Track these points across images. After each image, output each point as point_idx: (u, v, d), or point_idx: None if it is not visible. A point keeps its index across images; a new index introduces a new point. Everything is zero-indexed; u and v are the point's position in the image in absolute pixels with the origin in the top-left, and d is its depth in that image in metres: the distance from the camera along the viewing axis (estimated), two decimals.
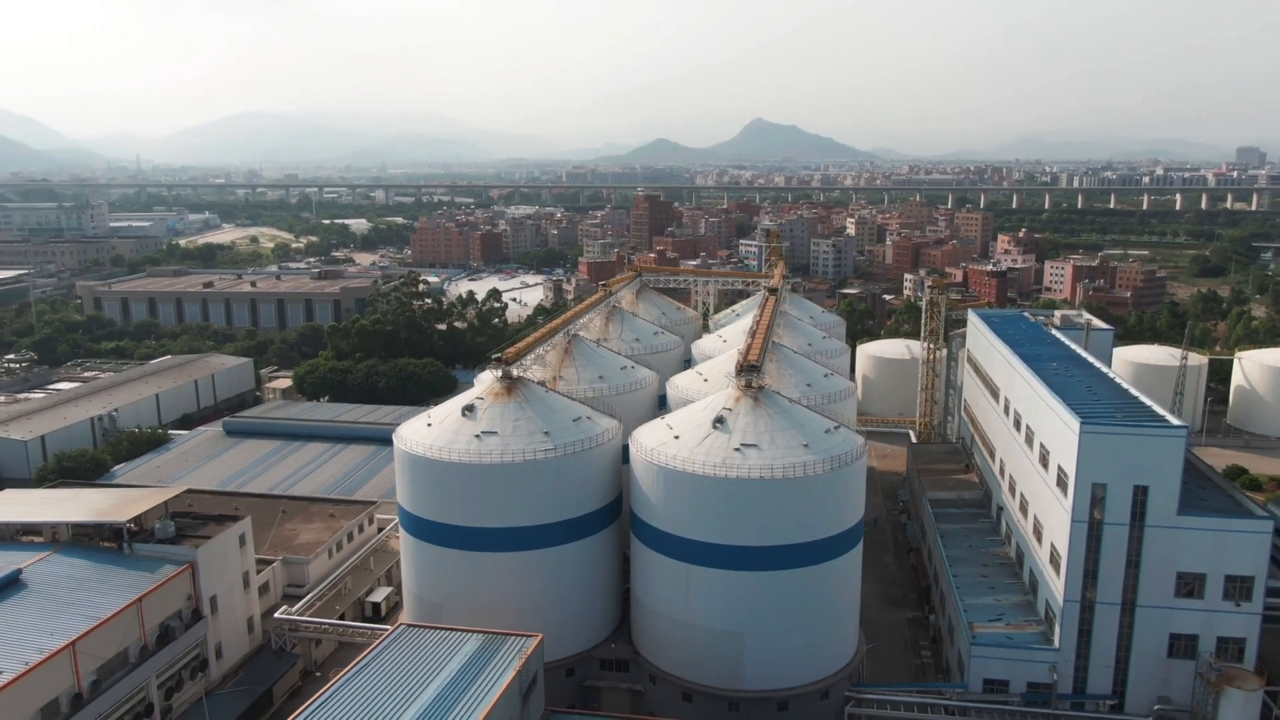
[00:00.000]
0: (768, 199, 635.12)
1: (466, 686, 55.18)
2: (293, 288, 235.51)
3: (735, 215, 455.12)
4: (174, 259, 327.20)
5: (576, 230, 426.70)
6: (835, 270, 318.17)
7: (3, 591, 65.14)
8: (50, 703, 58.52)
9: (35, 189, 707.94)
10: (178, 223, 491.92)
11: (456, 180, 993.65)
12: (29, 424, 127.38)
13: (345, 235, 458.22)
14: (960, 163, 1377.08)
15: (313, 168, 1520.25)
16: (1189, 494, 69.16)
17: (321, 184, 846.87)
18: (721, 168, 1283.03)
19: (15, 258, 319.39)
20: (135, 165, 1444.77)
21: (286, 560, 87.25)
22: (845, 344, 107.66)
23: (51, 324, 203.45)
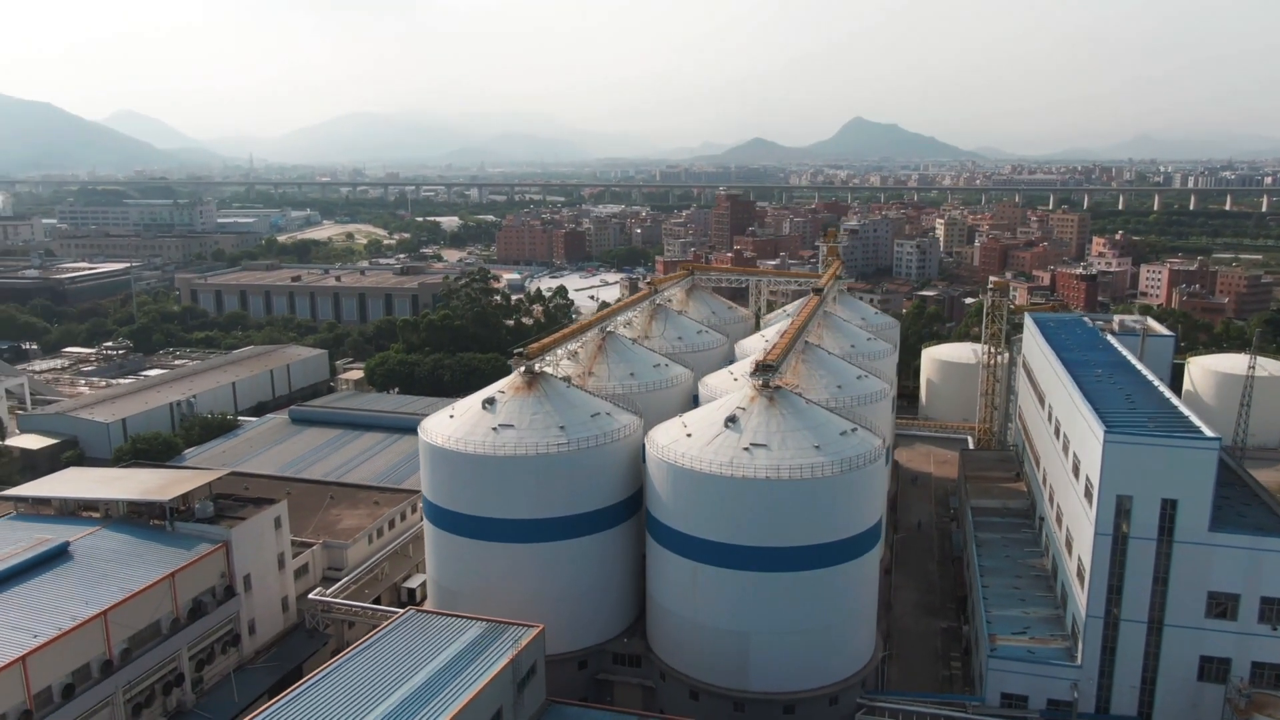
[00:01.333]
0: (860, 199, 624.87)
1: (459, 672, 56.34)
2: (374, 283, 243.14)
3: (822, 215, 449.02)
4: (271, 254, 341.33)
5: (660, 229, 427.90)
6: (919, 272, 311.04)
7: (51, 562, 69.57)
8: (82, 667, 62.23)
9: (154, 186, 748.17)
10: (280, 219, 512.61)
11: (550, 179, 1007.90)
12: (112, 408, 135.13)
13: (436, 232, 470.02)
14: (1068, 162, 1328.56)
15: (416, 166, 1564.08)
16: (1227, 509, 65.98)
17: (418, 182, 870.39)
18: (817, 167, 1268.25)
19: (126, 251, 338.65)
20: (248, 164, 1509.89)
21: (327, 544, 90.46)
22: (892, 346, 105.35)
23: (149, 314, 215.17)
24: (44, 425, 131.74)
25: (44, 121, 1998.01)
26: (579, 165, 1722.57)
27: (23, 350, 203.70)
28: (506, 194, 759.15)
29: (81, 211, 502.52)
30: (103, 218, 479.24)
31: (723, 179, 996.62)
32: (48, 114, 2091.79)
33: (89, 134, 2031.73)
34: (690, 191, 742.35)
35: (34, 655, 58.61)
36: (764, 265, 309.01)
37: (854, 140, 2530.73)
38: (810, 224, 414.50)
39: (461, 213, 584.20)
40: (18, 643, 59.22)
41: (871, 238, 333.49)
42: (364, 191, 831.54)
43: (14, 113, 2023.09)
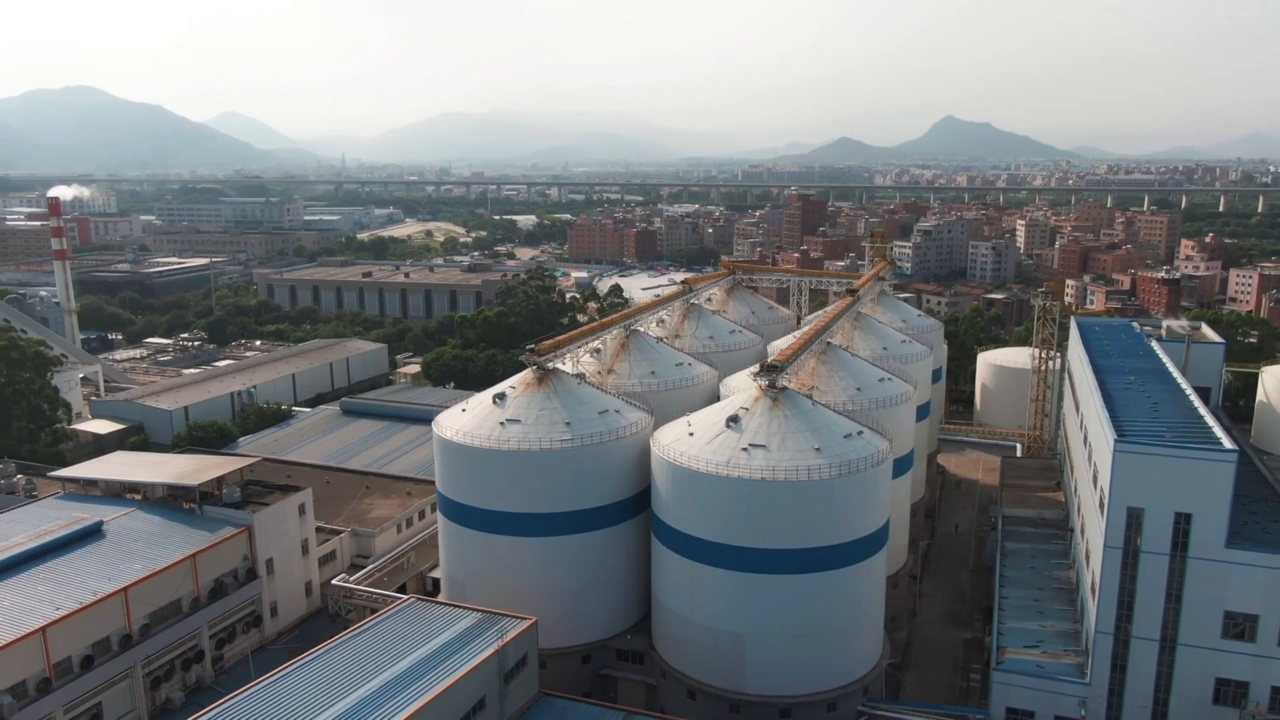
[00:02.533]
0: (944, 200, 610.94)
1: (443, 660, 57.57)
2: (441, 279, 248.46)
3: (900, 216, 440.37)
4: (349, 250, 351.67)
5: (733, 229, 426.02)
6: (994, 274, 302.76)
7: (84, 540, 73.28)
8: (101, 640, 65.44)
9: (249, 185, 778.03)
10: (364, 217, 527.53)
11: (630, 178, 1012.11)
12: (176, 396, 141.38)
13: (512, 231, 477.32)
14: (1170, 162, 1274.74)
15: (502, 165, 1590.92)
16: (1254, 526, 62.85)
17: (501, 181, 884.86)
18: (903, 167, 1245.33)
19: (214, 247, 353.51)
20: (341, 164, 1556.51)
21: (355, 532, 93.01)
22: (928, 349, 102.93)
23: (226, 307, 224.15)
24: (113, 411, 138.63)
25: (154, 123, 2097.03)
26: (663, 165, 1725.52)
27: (109, 340, 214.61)
28: (585, 193, 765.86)
29: (178, 209, 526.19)
30: (195, 215, 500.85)
31: (805, 179, 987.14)
32: (157, 116, 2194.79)
33: (195, 135, 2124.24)
34: (769, 191, 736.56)
35: (54, 626, 61.93)
36: (831, 266, 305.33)
37: (944, 140, 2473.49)
38: (886, 224, 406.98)
39: (539, 211, 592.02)
40: (41, 614, 62.64)
41: (946, 239, 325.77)
42: (448, 190, 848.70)
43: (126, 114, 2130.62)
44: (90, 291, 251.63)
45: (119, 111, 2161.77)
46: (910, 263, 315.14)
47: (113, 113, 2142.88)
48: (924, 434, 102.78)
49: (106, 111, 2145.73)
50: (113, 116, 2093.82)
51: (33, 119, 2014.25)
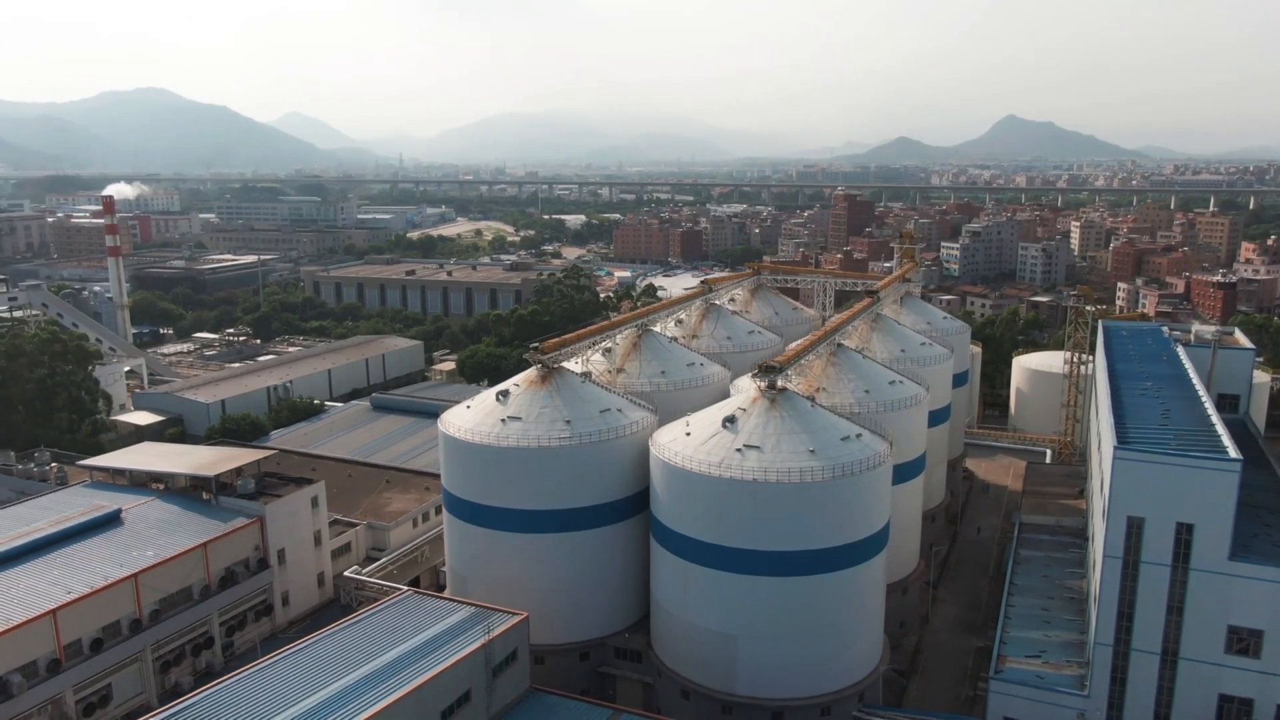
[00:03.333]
0: (1001, 200, 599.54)
1: (430, 653, 58.36)
2: (483, 278, 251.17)
3: (952, 217, 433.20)
4: (398, 249, 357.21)
5: (780, 229, 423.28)
6: (1044, 276, 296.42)
7: (102, 527, 75.70)
8: (111, 624, 67.59)
9: (308, 184, 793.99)
10: (416, 216, 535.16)
11: (682, 178, 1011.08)
12: (214, 389, 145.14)
13: (560, 230, 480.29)
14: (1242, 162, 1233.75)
15: (557, 165, 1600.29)
16: (1264, 538, 60.79)
17: (553, 181, 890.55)
18: (961, 167, 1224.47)
19: (267, 245, 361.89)
20: (398, 163, 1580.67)
21: (371, 525, 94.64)
22: (949, 351, 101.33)
23: (272, 304, 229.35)
24: (154, 403, 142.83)
25: (220, 123, 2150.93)
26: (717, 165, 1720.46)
27: (160, 334, 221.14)
28: (636, 193, 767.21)
29: (236, 207, 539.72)
30: (253, 213, 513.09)
31: (860, 179, 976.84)
32: (224, 117, 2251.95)
33: (259, 135, 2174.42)
34: (821, 192, 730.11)
35: (64, 609, 64.14)
36: (876, 268, 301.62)
37: (1005, 139, 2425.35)
38: (937, 225, 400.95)
39: (589, 211, 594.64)
40: (52, 597, 64.92)
41: (995, 240, 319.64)
42: (501, 190, 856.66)
43: (195, 115, 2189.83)
44: (146, 287, 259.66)
45: (187, 112, 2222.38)
46: (957, 264, 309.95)
47: (182, 113, 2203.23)
48: (943, 438, 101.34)
49: (176, 112, 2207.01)
50: (181, 117, 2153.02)
51: (106, 120, 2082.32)
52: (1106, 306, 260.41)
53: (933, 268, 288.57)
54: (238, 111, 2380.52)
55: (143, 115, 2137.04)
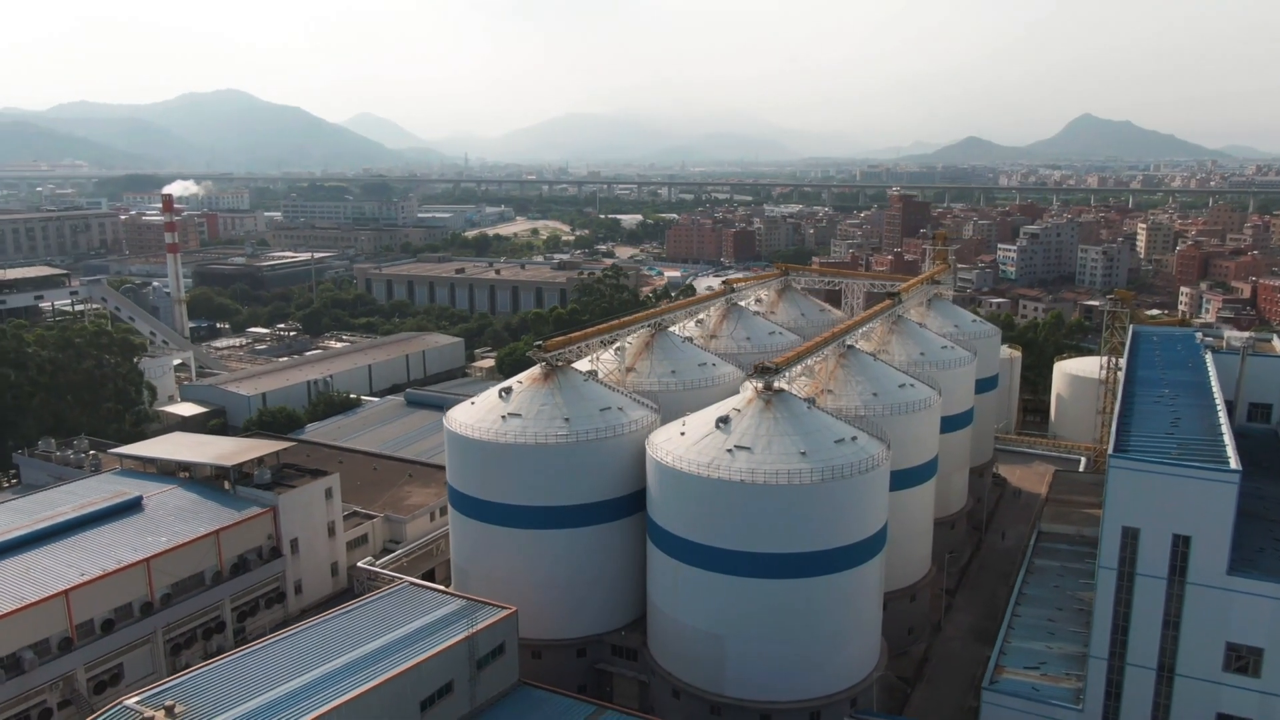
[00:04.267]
0: (1069, 201, 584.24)
1: (414, 642, 59.36)
2: (530, 276, 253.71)
3: (1013, 218, 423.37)
4: (453, 247, 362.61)
5: (836, 230, 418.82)
6: (1105, 279, 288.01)
7: (123, 513, 78.70)
8: (123, 605, 70.28)
9: (373, 184, 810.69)
10: (475, 215, 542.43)
11: (744, 178, 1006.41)
12: (257, 382, 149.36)
13: (616, 230, 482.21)
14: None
15: (620, 165, 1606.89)
16: (1272, 553, 58.57)
17: (614, 180, 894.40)
18: (1031, 167, 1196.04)
19: (326, 242, 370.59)
20: (463, 163, 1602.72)
21: (388, 518, 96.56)
22: (971, 355, 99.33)
23: (324, 300, 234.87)
24: (199, 395, 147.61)
25: (294, 124, 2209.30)
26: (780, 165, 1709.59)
27: (216, 328, 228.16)
28: (695, 193, 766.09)
29: (301, 205, 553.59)
30: (317, 211, 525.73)
31: (926, 179, 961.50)
32: (297, 117, 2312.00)
33: (331, 135, 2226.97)
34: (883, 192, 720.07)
35: (76, 590, 66.94)
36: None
37: (1080, 139, 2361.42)
38: (997, 227, 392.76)
39: (646, 210, 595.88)
40: (67, 578, 67.78)
41: (1054, 242, 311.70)
42: (562, 189, 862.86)
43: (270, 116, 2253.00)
44: (206, 282, 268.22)
45: (263, 113, 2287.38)
46: (1014, 266, 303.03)
47: (257, 114, 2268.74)
48: (964, 443, 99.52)
49: (251, 113, 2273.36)
50: (257, 118, 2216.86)
51: (185, 121, 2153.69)
52: (1167, 312, 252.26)
53: (987, 270, 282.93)
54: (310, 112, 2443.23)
55: (220, 116, 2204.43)
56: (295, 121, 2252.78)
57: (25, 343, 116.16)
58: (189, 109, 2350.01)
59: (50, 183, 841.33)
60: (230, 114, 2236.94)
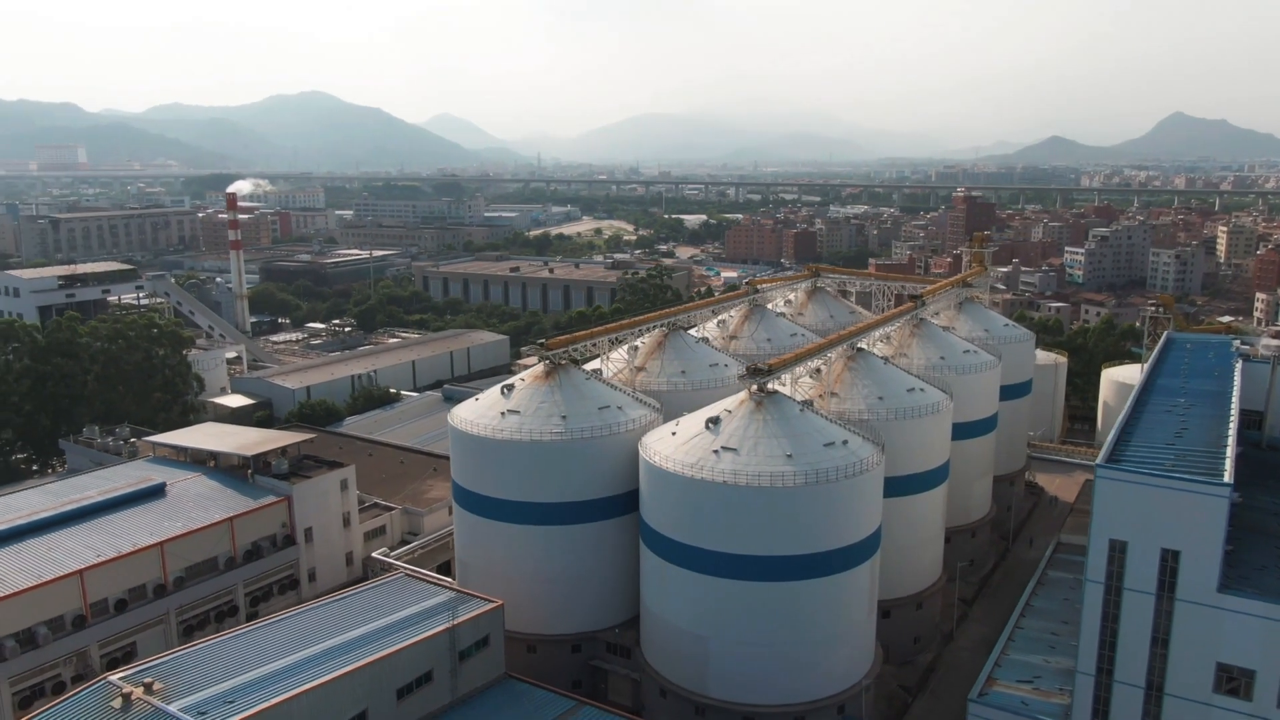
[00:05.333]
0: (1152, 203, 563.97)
1: (397, 631, 60.74)
2: (582, 275, 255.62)
3: (1088, 220, 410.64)
4: (514, 246, 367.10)
5: (900, 231, 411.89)
6: (1177, 285, 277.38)
7: (146, 498, 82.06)
8: (137, 587, 73.37)
9: (446, 183, 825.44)
10: (540, 214, 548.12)
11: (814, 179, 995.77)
12: (302, 376, 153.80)
13: (678, 230, 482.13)
14: None
15: (693, 165, 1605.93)
16: (1271, 570, 56.13)
17: (681, 181, 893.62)
18: (1116, 168, 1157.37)
19: (391, 241, 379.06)
20: (536, 163, 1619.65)
21: (406, 510, 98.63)
22: (995, 360, 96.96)
23: (381, 296, 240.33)
24: (248, 388, 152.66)
25: (374, 125, 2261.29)
26: (856, 165, 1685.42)
27: (278, 323, 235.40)
28: (762, 193, 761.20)
29: (372, 204, 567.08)
30: (387, 210, 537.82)
31: (1004, 180, 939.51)
32: (378, 119, 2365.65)
33: (410, 136, 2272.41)
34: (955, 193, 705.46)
35: (91, 571, 70.17)
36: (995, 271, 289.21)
37: (1171, 138, 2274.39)
38: (1070, 229, 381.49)
39: (711, 211, 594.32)
40: (83, 559, 71.04)
41: (1125, 245, 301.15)
42: (631, 189, 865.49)
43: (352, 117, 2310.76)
44: (272, 278, 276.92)
45: (345, 115, 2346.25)
46: (1082, 270, 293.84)
47: (340, 116, 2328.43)
48: (985, 449, 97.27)
49: (334, 115, 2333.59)
50: (339, 119, 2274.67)
51: (271, 122, 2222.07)
52: (1241, 319, 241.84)
53: (1051, 273, 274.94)
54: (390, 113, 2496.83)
55: (305, 118, 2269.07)
56: (376, 122, 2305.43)
57: (79, 334, 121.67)
58: (275, 110, 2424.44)
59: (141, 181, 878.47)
60: (314, 115, 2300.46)
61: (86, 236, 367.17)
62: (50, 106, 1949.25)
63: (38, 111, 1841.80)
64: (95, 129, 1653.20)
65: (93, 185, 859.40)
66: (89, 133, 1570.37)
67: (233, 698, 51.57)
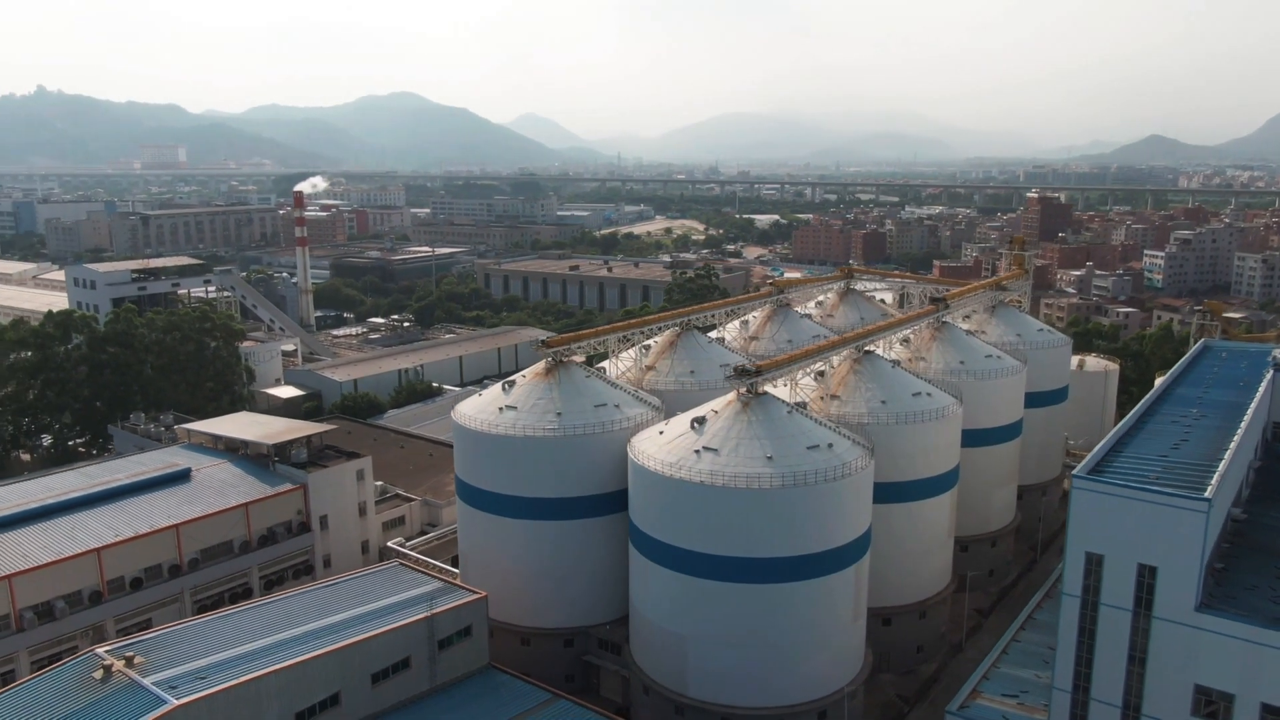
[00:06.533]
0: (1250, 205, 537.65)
1: (376, 618, 62.40)
2: (640, 274, 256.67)
3: (1175, 223, 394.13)
4: (581, 245, 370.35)
5: (974, 233, 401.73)
6: (1263, 290, 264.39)
7: (171, 482, 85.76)
8: (153, 566, 76.89)
9: (524, 182, 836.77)
10: (613, 213, 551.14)
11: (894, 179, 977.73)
12: (351, 369, 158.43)
13: (748, 230, 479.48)
14: None
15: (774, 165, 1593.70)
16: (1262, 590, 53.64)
17: (759, 181, 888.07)
18: (1218, 168, 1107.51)
19: (461, 238, 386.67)
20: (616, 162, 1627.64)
21: (426, 502, 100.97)
22: (1020, 365, 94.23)
23: (440, 293, 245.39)
24: (300, 380, 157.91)
25: (461, 125, 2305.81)
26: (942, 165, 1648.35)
27: (343, 318, 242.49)
28: (839, 193, 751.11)
29: (449, 203, 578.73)
30: (457, 208, 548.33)
31: (1096, 180, 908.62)
32: (464, 119, 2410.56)
33: (495, 135, 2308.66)
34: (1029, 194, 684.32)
35: (107, 550, 73.83)
36: (1064, 275, 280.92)
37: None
38: (1153, 232, 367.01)
39: (784, 211, 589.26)
40: (102, 538, 74.80)
41: (1208, 249, 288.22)
42: (709, 188, 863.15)
43: (439, 118, 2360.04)
44: (341, 274, 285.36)
45: (433, 115, 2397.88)
46: (1161, 274, 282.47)
47: (428, 116, 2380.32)
48: (1007, 456, 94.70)
49: (423, 115, 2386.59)
50: (428, 119, 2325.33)
51: (362, 122, 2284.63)
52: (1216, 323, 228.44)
53: (1126, 278, 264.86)
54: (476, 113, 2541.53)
55: (394, 118, 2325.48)
56: (462, 122, 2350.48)
57: (135, 325, 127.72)
58: (367, 110, 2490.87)
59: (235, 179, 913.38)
60: (404, 115, 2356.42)
61: (174, 232, 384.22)
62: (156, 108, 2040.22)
63: (145, 113, 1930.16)
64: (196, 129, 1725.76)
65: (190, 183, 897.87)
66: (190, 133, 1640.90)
67: (205, 674, 53.85)
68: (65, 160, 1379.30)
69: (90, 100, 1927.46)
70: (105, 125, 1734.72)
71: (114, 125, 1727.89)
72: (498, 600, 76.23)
